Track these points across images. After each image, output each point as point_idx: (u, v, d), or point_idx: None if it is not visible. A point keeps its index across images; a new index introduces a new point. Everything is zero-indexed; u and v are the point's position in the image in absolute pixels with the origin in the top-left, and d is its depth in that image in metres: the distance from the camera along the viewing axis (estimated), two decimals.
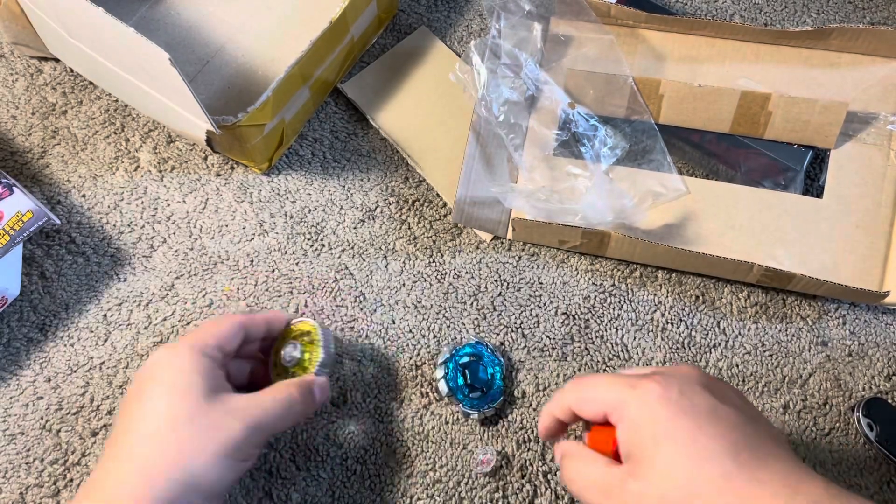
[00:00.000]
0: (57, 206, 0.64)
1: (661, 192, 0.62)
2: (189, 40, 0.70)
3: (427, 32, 0.72)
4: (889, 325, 0.62)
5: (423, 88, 0.70)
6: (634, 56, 0.66)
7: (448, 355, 0.58)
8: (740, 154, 0.64)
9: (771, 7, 0.74)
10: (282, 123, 0.63)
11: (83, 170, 0.66)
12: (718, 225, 0.62)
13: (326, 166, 0.67)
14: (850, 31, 0.62)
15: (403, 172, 0.67)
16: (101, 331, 0.60)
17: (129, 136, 0.67)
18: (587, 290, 0.63)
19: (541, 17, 0.67)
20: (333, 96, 0.70)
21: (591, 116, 0.65)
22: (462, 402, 0.57)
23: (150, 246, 0.63)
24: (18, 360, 0.59)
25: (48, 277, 0.62)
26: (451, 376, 0.57)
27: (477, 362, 0.58)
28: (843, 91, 0.63)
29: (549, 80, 0.65)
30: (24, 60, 0.70)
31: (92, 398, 0.58)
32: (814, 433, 0.59)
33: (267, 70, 0.69)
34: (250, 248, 0.64)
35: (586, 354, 0.61)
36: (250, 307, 0.62)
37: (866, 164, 0.62)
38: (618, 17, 0.66)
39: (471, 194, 0.63)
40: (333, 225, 0.65)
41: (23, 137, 0.67)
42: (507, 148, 0.64)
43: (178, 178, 0.66)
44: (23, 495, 0.55)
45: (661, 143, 0.64)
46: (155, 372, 0.45)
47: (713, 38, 0.66)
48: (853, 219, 0.61)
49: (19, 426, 0.57)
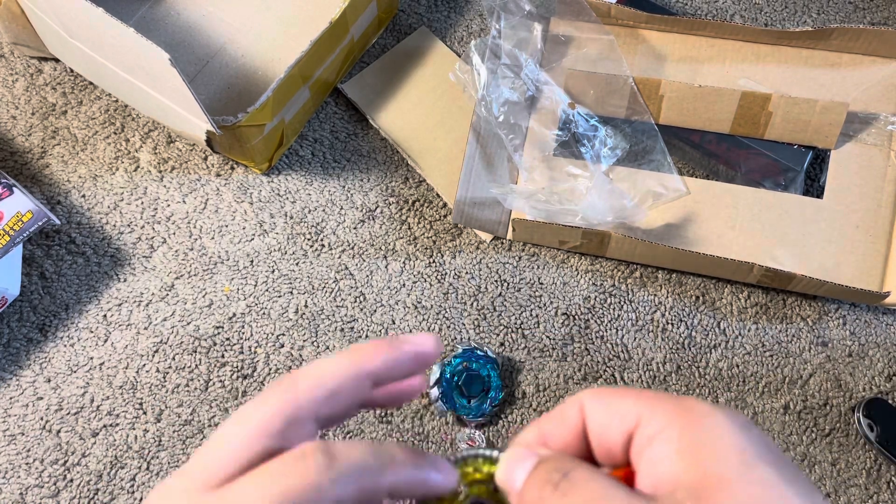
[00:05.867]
0: (57, 207, 0.64)
1: (661, 192, 0.62)
2: (189, 40, 0.70)
3: (427, 32, 0.72)
4: (889, 325, 0.62)
5: (423, 88, 0.69)
6: (634, 56, 0.66)
7: (438, 374, 0.58)
8: (741, 154, 0.64)
9: (771, 7, 0.74)
10: (282, 124, 0.63)
11: (83, 170, 0.66)
12: (719, 225, 0.62)
13: (326, 166, 0.67)
14: (850, 31, 0.62)
15: (403, 172, 0.67)
16: (101, 331, 0.60)
17: (129, 136, 0.67)
18: (587, 290, 0.63)
19: (541, 17, 0.67)
20: (333, 96, 0.70)
21: (592, 117, 0.64)
22: (466, 415, 0.57)
23: (150, 246, 0.63)
24: (18, 360, 0.59)
25: (48, 278, 0.62)
26: (447, 394, 0.57)
27: (469, 371, 0.58)
28: (843, 91, 0.63)
29: (549, 80, 0.65)
30: (24, 60, 0.70)
31: (92, 398, 0.58)
32: (814, 433, 0.59)
33: (267, 70, 0.69)
34: (250, 248, 0.64)
35: (586, 355, 0.61)
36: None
37: (867, 164, 0.62)
38: (618, 17, 0.66)
39: (471, 195, 0.63)
40: (333, 225, 0.65)
41: (23, 137, 0.67)
42: (507, 148, 0.64)
43: (178, 179, 0.66)
44: (23, 495, 0.55)
45: (661, 143, 0.64)
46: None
47: (713, 38, 0.66)
48: (853, 219, 0.61)
49: (19, 426, 0.57)
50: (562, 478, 0.26)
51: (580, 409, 0.28)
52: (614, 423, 0.27)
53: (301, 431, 0.26)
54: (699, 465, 0.26)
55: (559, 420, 0.29)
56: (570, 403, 0.29)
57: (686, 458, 0.26)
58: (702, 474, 0.26)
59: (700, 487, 0.26)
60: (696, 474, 0.26)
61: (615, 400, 0.28)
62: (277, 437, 0.25)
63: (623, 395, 0.28)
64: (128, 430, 0.58)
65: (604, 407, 0.28)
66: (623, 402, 0.27)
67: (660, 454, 0.26)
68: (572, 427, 0.28)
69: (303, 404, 0.26)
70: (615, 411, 0.27)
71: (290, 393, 0.26)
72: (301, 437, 0.26)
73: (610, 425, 0.28)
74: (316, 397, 0.26)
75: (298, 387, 0.26)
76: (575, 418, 0.28)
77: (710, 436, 0.27)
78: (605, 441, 0.28)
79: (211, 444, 0.26)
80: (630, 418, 0.27)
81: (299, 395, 0.26)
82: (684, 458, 0.26)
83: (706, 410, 0.27)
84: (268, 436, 0.25)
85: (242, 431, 0.26)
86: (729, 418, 0.27)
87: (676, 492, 0.26)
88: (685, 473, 0.26)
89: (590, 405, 0.28)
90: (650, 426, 0.27)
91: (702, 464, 0.26)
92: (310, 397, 0.26)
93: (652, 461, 0.26)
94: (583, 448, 0.29)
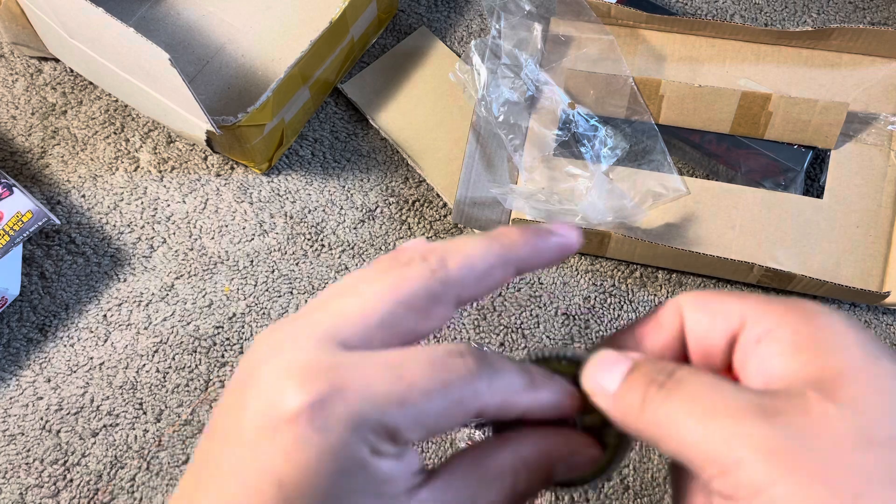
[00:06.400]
0: (57, 207, 0.64)
1: (661, 192, 0.62)
2: (189, 40, 0.70)
3: (427, 32, 0.72)
4: (890, 325, 0.62)
5: (423, 88, 0.69)
6: (634, 56, 0.66)
7: None
8: (740, 154, 0.64)
9: (771, 7, 0.74)
10: (282, 124, 0.63)
11: (83, 170, 0.66)
12: (718, 225, 0.62)
13: (326, 166, 0.67)
14: (850, 31, 0.62)
15: (403, 172, 0.67)
16: (101, 331, 0.60)
17: (129, 136, 0.67)
18: (587, 290, 0.63)
19: (541, 17, 0.67)
20: (333, 96, 0.70)
21: (592, 117, 0.65)
22: None
23: (149, 246, 0.63)
24: (18, 360, 0.59)
25: (48, 278, 0.62)
26: None
27: None
28: (843, 91, 0.63)
29: (549, 80, 0.65)
30: (24, 60, 0.70)
31: (92, 399, 0.58)
32: None
33: (267, 70, 0.69)
34: (250, 248, 0.64)
35: None
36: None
37: (867, 164, 0.62)
38: (618, 17, 0.66)
39: (471, 195, 0.63)
40: (333, 225, 0.65)
41: (22, 137, 0.67)
42: (507, 148, 0.64)
43: (177, 179, 0.66)
44: (23, 496, 0.55)
45: (661, 143, 0.64)
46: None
47: (713, 38, 0.66)
48: (854, 219, 0.61)
49: (19, 426, 0.57)
50: (667, 377, 0.24)
51: (678, 313, 0.27)
52: (717, 324, 0.26)
53: (442, 312, 0.24)
54: (818, 359, 0.24)
55: (655, 324, 0.27)
56: (668, 307, 0.27)
57: (803, 353, 0.24)
58: (821, 368, 0.24)
59: (822, 380, 0.24)
60: (816, 368, 0.24)
61: (717, 302, 0.26)
62: (421, 315, 0.24)
63: (725, 297, 0.26)
64: (128, 430, 0.58)
65: (705, 309, 0.26)
66: (726, 304, 0.26)
67: (771, 352, 0.25)
68: (670, 331, 0.27)
69: (451, 284, 0.24)
70: (717, 312, 0.26)
71: (440, 271, 0.24)
72: (441, 318, 0.24)
73: (712, 328, 0.26)
74: (464, 279, 0.24)
75: (448, 265, 0.24)
76: (673, 322, 0.27)
77: (828, 332, 0.25)
78: (706, 345, 0.26)
79: (345, 300, 0.23)
80: (734, 320, 0.25)
81: (449, 274, 0.24)
82: (801, 353, 0.24)
83: (819, 308, 0.25)
84: (412, 310, 0.23)
85: (385, 297, 0.23)
86: (843, 316, 0.25)
87: (794, 384, 0.24)
88: (803, 368, 0.24)
89: (689, 308, 0.27)
90: (758, 326, 0.25)
91: (821, 357, 0.24)
92: (458, 277, 0.24)
93: (762, 359, 0.25)
94: (679, 355, 0.27)
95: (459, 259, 0.24)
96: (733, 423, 0.22)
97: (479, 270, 0.24)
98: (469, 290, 0.24)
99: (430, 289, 0.23)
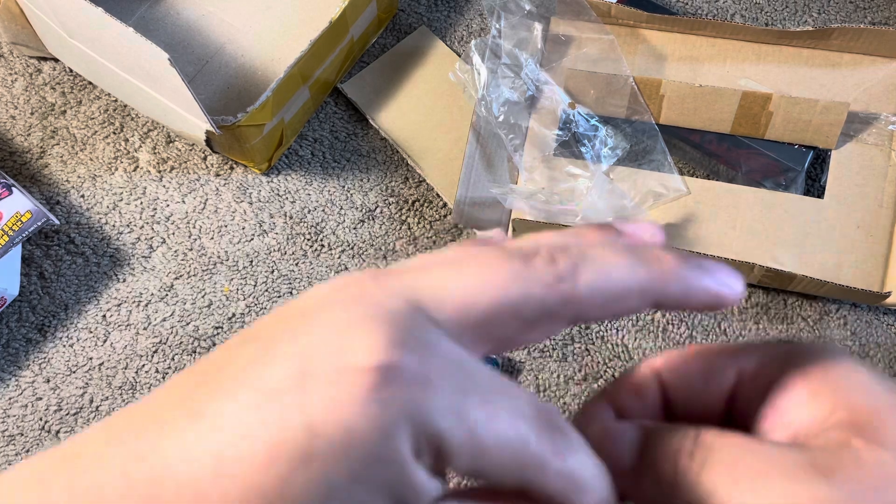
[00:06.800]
0: (56, 207, 0.64)
1: (661, 192, 0.62)
2: (189, 40, 0.70)
3: (427, 32, 0.72)
4: (890, 325, 0.62)
5: (423, 88, 0.69)
6: (635, 56, 0.66)
7: None
8: (741, 154, 0.64)
9: (772, 7, 0.74)
10: (281, 123, 0.63)
11: (82, 170, 0.66)
12: (719, 225, 0.61)
13: (326, 166, 0.67)
14: (851, 31, 0.62)
15: (403, 172, 0.67)
16: (101, 331, 0.60)
17: (129, 136, 0.67)
18: None
19: (541, 17, 0.67)
20: (333, 96, 0.69)
21: (592, 116, 0.64)
22: None
23: (149, 246, 0.63)
24: (17, 360, 0.59)
25: (47, 278, 0.62)
26: None
27: None
28: (844, 91, 0.63)
29: (549, 80, 0.65)
30: (24, 60, 0.70)
31: (91, 399, 0.58)
32: None
33: (267, 70, 0.69)
34: (250, 248, 0.63)
35: (587, 355, 0.61)
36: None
37: (867, 164, 0.62)
38: (618, 16, 0.66)
39: (471, 195, 0.63)
40: (333, 225, 0.65)
41: (22, 137, 0.67)
42: (507, 148, 0.64)
43: (177, 179, 0.66)
44: None
45: (661, 143, 0.64)
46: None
47: (714, 38, 0.66)
48: (854, 219, 0.61)
49: (18, 427, 0.57)
50: (694, 445, 0.21)
51: (657, 380, 0.25)
52: (711, 387, 0.24)
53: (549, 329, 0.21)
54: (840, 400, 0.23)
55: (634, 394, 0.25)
56: (644, 376, 0.25)
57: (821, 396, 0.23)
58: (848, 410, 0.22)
59: (855, 423, 0.22)
60: (843, 411, 0.22)
61: (699, 364, 0.24)
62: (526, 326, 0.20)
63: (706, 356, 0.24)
64: None
65: (688, 375, 0.24)
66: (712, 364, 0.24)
67: (788, 401, 0.23)
68: (652, 399, 0.25)
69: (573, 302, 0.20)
70: (705, 375, 0.24)
71: (567, 282, 0.20)
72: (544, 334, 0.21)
73: (704, 391, 0.24)
74: (592, 298, 0.20)
75: (578, 277, 0.20)
76: (654, 391, 0.25)
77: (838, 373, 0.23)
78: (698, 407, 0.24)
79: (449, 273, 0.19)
80: (727, 377, 0.24)
81: (577, 290, 0.20)
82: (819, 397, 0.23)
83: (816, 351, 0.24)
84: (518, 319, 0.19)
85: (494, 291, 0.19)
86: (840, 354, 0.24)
87: (828, 432, 0.22)
88: (831, 413, 0.22)
89: (670, 376, 0.25)
90: (759, 378, 0.23)
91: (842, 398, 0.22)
92: (586, 295, 0.20)
93: (780, 411, 0.23)
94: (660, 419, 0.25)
95: (593, 273, 0.20)
96: (790, 484, 0.20)
97: (611, 293, 0.20)
98: (591, 311, 0.20)
99: (548, 301, 0.19)
